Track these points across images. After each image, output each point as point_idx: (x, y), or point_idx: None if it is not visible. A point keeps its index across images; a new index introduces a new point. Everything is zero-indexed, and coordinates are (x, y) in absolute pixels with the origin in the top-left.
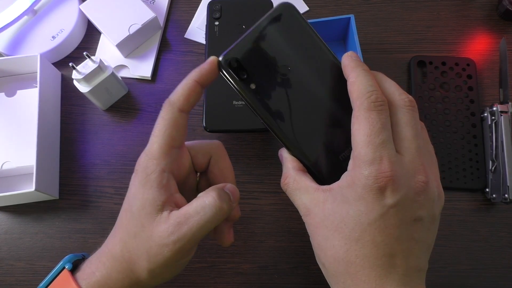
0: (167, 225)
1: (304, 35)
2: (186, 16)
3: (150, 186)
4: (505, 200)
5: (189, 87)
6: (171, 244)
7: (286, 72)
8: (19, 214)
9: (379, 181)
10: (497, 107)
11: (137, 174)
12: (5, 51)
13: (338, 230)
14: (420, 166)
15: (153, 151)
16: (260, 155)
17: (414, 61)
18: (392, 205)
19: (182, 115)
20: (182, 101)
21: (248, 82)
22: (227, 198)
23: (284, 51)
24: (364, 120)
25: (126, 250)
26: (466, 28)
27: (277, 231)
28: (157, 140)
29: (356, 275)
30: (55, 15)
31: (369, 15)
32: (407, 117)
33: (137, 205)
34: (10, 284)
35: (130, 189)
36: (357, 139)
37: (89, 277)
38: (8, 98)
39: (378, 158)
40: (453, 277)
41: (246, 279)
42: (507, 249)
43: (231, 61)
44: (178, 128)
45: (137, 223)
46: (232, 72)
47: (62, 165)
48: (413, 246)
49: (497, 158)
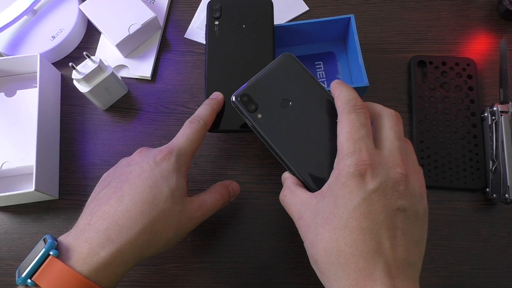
0: (194, 205)
1: (302, 77)
2: (186, 16)
3: (182, 175)
4: (505, 200)
5: (214, 112)
6: (195, 218)
7: (288, 105)
8: (19, 214)
9: (359, 168)
10: (497, 107)
11: (170, 159)
12: (5, 51)
13: (328, 222)
14: (400, 161)
15: (187, 150)
16: (260, 155)
17: (414, 61)
18: (373, 189)
19: (205, 132)
20: (210, 121)
21: (256, 112)
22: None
23: (286, 89)
24: (345, 121)
25: (150, 225)
26: (466, 28)
27: (277, 231)
28: (189, 143)
29: (346, 264)
30: (55, 15)
31: (369, 15)
32: (391, 123)
33: (170, 187)
34: (10, 284)
35: (155, 169)
36: (340, 138)
37: (90, 258)
38: (8, 98)
39: (358, 149)
40: (453, 277)
41: (246, 279)
42: (507, 249)
43: (241, 96)
44: (201, 142)
45: (169, 201)
46: (242, 104)
47: (62, 165)
48: (398, 235)
49: (497, 158)
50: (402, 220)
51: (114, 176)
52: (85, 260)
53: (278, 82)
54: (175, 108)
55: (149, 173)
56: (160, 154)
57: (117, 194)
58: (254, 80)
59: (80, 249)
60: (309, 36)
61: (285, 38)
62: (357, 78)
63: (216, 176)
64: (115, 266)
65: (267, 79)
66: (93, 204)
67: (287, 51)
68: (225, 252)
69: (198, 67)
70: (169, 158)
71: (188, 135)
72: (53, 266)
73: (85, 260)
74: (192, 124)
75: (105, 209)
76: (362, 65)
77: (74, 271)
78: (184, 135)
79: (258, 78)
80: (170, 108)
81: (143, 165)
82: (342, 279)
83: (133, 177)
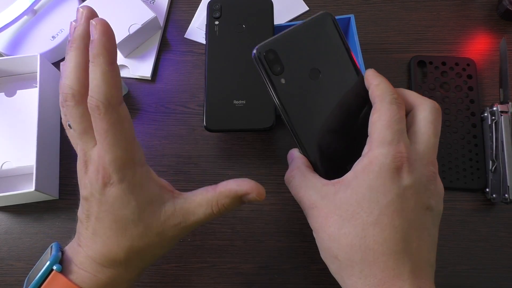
0: (176, 220)
1: (338, 47)
2: (186, 16)
3: (140, 187)
4: (505, 200)
5: (112, 84)
6: (184, 234)
7: (317, 77)
8: (19, 214)
9: (396, 160)
10: (497, 107)
11: (113, 182)
12: (5, 51)
13: (355, 216)
14: (434, 159)
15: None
16: (260, 155)
17: (414, 61)
18: (408, 186)
19: (120, 109)
20: (115, 92)
21: (279, 76)
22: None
23: (318, 57)
24: (386, 110)
25: (133, 252)
26: (466, 28)
27: (277, 231)
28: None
29: (374, 263)
30: (55, 15)
31: (369, 15)
32: (432, 116)
33: (133, 212)
34: (10, 284)
35: (108, 201)
36: (377, 125)
37: (89, 280)
38: (8, 98)
39: (396, 140)
40: (453, 277)
41: (246, 279)
42: (507, 249)
43: (267, 52)
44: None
45: (140, 226)
46: (267, 62)
47: (62, 165)
48: (425, 235)
49: (497, 158)
50: (429, 220)
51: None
52: (86, 280)
53: (311, 46)
54: (175, 108)
55: (105, 207)
56: (99, 179)
57: (90, 226)
58: (284, 36)
59: (79, 270)
60: None
61: None
62: None
63: (216, 176)
64: (116, 285)
65: (299, 38)
66: (79, 224)
67: None
68: (225, 252)
69: (198, 67)
70: (111, 182)
71: (106, 138)
72: (56, 282)
73: (86, 280)
74: (96, 116)
75: (87, 235)
76: (362, 65)
77: (77, 287)
78: (103, 140)
79: (290, 35)
80: (170, 108)
81: (94, 198)
82: (369, 277)
83: (95, 211)
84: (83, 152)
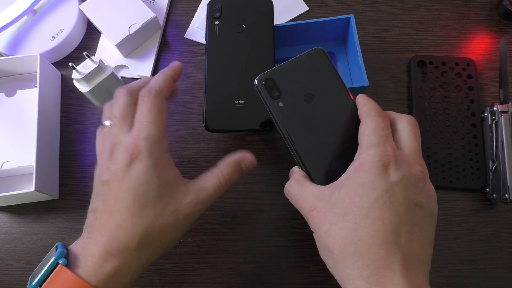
0: (190, 197)
1: (330, 75)
2: (186, 16)
3: (163, 167)
4: (505, 200)
5: (170, 80)
6: (196, 212)
7: (311, 100)
8: (19, 214)
9: (383, 159)
10: (497, 107)
11: (141, 159)
12: (5, 51)
13: (348, 211)
14: (419, 161)
15: (154, 135)
16: (260, 155)
17: (414, 61)
18: (396, 181)
19: (166, 102)
20: (166, 91)
21: (278, 100)
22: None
23: (313, 84)
24: (371, 121)
25: (147, 235)
26: (466, 28)
27: (277, 231)
28: (155, 125)
29: (366, 254)
30: (55, 15)
31: (369, 15)
32: (410, 126)
33: (154, 189)
34: (10, 284)
35: (132, 177)
36: (365, 132)
37: (96, 271)
38: (8, 98)
39: (383, 143)
40: (453, 277)
41: (246, 279)
42: (507, 249)
43: (267, 80)
44: (166, 113)
45: (158, 205)
46: (266, 89)
47: (62, 165)
48: (415, 230)
49: (497, 158)
50: (420, 217)
51: (97, 190)
52: (92, 272)
53: (306, 75)
54: (175, 108)
55: (127, 184)
56: (127, 156)
57: (107, 210)
58: (282, 67)
59: (86, 262)
60: (309, 36)
61: (285, 38)
62: (357, 78)
63: None
64: (121, 277)
65: (295, 69)
66: (92, 216)
67: (287, 51)
68: (225, 252)
69: (198, 67)
70: (139, 158)
71: (147, 117)
72: (61, 275)
73: (92, 272)
74: (145, 99)
75: (101, 223)
76: (362, 65)
77: (82, 280)
78: (144, 119)
79: (286, 66)
80: (170, 108)
81: (117, 177)
82: (361, 268)
83: (115, 192)
84: (113, 137)
